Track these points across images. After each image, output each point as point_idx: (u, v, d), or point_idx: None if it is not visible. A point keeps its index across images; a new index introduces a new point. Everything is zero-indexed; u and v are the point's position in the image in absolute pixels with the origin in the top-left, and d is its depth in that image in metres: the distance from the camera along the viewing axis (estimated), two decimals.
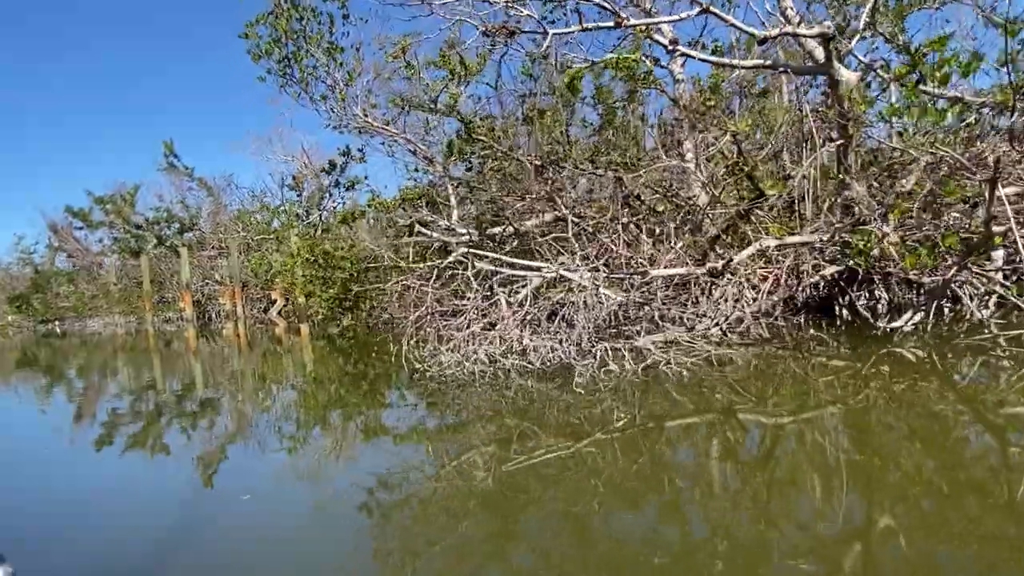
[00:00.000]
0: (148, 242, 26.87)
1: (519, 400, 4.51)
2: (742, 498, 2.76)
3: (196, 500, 3.35)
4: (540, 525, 2.67)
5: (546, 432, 3.71)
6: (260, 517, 2.99)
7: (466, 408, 4.49)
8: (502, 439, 3.66)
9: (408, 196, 10.40)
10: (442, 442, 3.85)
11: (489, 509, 2.85)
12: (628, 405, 4.19)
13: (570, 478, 3.13)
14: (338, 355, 8.84)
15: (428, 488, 3.13)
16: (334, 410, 5.10)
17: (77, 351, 16.11)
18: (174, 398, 6.73)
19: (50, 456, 4.68)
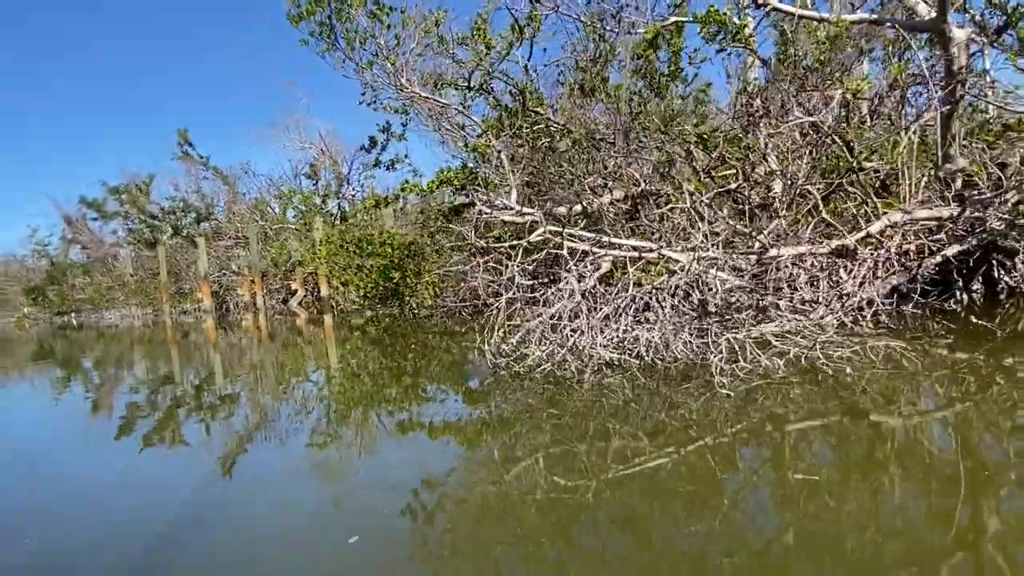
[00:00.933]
0: (164, 232, 26.37)
1: (666, 411, 3.69)
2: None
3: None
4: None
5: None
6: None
7: (602, 417, 3.66)
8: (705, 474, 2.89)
9: (447, 178, 9.70)
10: (611, 488, 2.93)
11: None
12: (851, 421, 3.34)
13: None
14: (383, 348, 8.21)
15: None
16: (412, 415, 4.41)
17: (95, 343, 15.60)
18: (210, 400, 6.10)
19: (81, 461, 4.07)
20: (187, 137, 27.43)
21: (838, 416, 3.39)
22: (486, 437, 3.60)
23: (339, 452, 3.71)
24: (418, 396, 4.87)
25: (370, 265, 9.08)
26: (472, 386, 4.89)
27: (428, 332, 9.16)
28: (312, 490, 3.21)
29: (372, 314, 14.95)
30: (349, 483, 3.22)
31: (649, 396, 3.89)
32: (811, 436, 3.21)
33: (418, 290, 8.79)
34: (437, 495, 2.84)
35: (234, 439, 4.31)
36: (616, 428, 3.39)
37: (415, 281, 8.68)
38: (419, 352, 7.05)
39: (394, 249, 8.76)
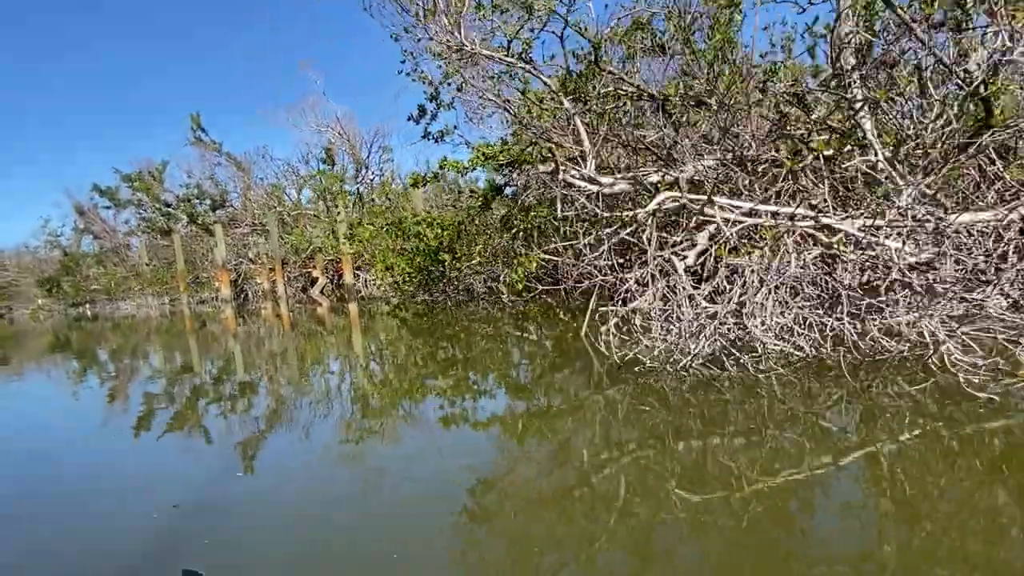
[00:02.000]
0: (179, 220, 25.71)
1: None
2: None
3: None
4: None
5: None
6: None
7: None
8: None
9: (491, 153, 8.87)
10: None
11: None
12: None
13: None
14: (450, 340, 7.49)
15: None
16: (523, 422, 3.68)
17: (114, 335, 14.99)
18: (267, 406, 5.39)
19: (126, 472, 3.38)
20: (200, 122, 26.70)
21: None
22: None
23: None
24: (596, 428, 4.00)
25: (415, 248, 8.30)
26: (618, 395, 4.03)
27: (482, 321, 8.43)
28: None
29: (400, 301, 14.24)
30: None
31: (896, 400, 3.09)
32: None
33: (461, 271, 8.07)
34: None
35: (319, 465, 3.60)
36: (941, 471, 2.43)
37: (465, 264, 7.92)
38: (500, 346, 6.28)
39: (444, 229, 7.98)
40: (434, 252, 8.14)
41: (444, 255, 7.90)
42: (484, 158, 8.92)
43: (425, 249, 8.19)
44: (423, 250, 8.19)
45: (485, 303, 10.00)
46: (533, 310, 8.83)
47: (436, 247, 8.02)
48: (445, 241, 7.91)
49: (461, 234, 7.91)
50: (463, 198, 10.67)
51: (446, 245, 7.95)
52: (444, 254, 7.90)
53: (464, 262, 7.76)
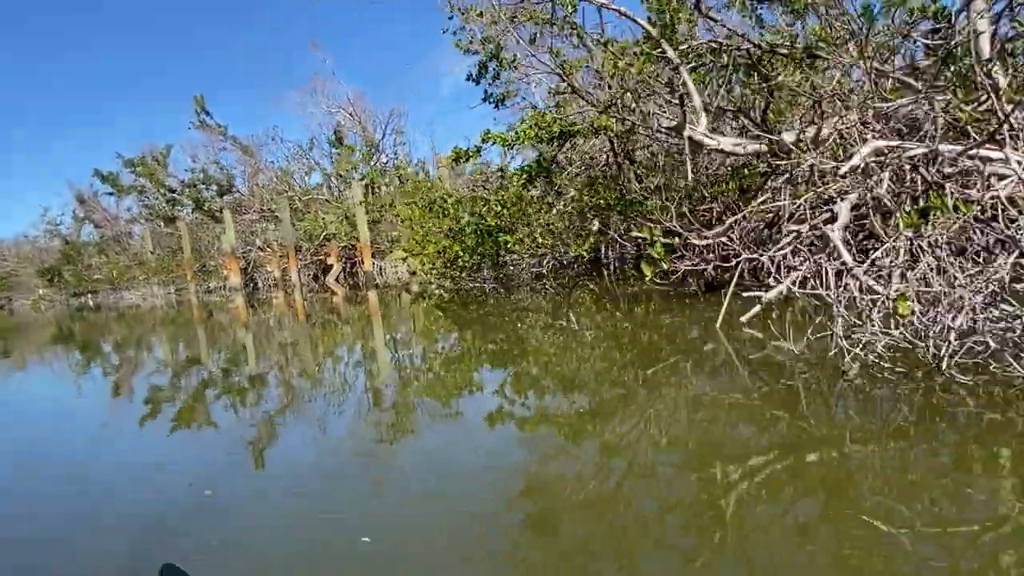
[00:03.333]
0: (185, 206, 24.75)
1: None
2: None
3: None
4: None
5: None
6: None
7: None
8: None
9: (543, 122, 7.94)
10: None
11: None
12: None
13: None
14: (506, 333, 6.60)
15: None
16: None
17: (119, 326, 14.11)
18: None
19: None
20: (204, 104, 25.68)
21: None
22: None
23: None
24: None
25: (472, 228, 7.36)
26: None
27: (539, 311, 7.51)
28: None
29: (438, 288, 13.32)
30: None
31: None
32: None
33: (520, 254, 7.09)
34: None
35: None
36: None
37: (523, 246, 7.00)
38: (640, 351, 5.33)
39: (505, 207, 7.03)
40: (490, 233, 7.20)
41: (504, 236, 6.95)
42: (537, 128, 7.98)
43: (481, 230, 7.25)
44: (479, 231, 7.24)
45: (527, 290, 9.09)
46: (584, 298, 7.94)
47: (494, 227, 7.07)
48: (505, 220, 6.97)
49: (518, 215, 6.99)
50: (496, 177, 9.73)
51: (507, 225, 7.01)
52: (504, 235, 6.95)
53: (528, 243, 6.83)
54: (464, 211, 7.38)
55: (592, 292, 8.10)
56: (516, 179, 8.85)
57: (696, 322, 5.07)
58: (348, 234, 18.87)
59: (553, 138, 8.36)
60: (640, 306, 6.32)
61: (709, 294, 6.29)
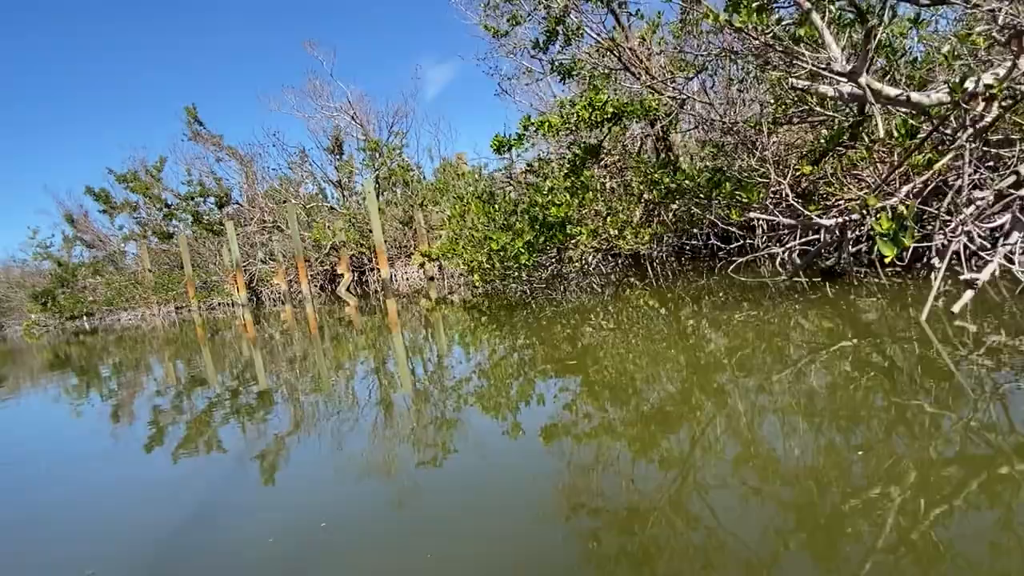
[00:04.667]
0: (183, 220, 23.73)
1: None
2: None
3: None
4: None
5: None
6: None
7: None
8: None
9: (599, 102, 7.06)
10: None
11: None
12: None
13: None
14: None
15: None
16: None
17: (121, 349, 13.12)
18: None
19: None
20: (196, 114, 24.74)
21: None
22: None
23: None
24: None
25: (533, 222, 6.43)
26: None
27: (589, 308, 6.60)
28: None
29: (441, 296, 12.40)
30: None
31: None
32: None
33: (584, 248, 6.16)
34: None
35: None
36: None
37: (591, 240, 6.09)
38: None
39: (575, 196, 6.08)
40: (552, 226, 6.26)
41: (575, 228, 6.00)
42: (591, 109, 7.10)
43: (547, 223, 6.31)
44: (544, 225, 6.29)
45: (574, 290, 8.17)
46: (648, 296, 7.03)
47: (560, 219, 6.12)
48: (574, 211, 6.02)
49: (590, 203, 6.06)
50: (533, 167, 8.82)
51: (574, 216, 6.07)
52: (573, 227, 5.99)
53: (601, 235, 5.90)
54: (536, 201, 6.43)
55: (653, 290, 7.20)
56: (561, 169, 7.97)
57: (861, 319, 4.17)
58: (357, 241, 17.97)
59: (604, 121, 7.49)
60: (749, 304, 5.41)
61: (827, 282, 5.41)
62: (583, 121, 7.06)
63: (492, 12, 8.24)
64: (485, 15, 9.00)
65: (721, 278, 6.98)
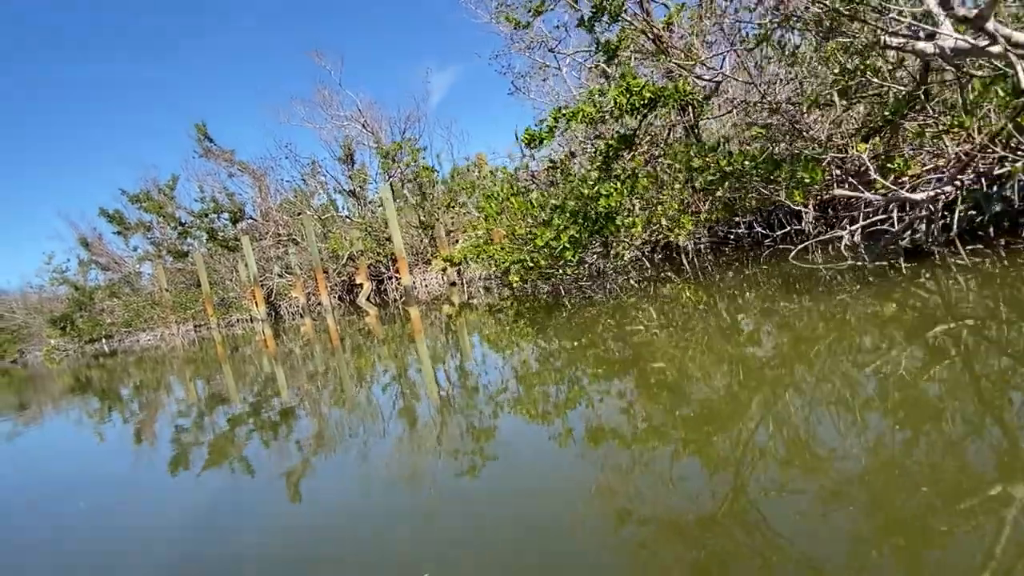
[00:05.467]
0: (198, 237, 23.57)
1: None
2: None
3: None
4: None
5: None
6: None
7: None
8: None
9: (637, 86, 6.68)
10: None
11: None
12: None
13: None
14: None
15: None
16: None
17: (142, 371, 12.88)
18: None
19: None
20: (206, 131, 24.63)
21: None
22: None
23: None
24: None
25: (578, 214, 6.02)
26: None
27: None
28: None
29: (463, 301, 12.03)
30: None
31: None
32: None
33: (632, 241, 5.71)
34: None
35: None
36: None
37: (640, 232, 5.67)
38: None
39: (625, 183, 5.65)
40: (596, 219, 5.83)
41: (627, 219, 5.56)
42: (628, 94, 6.71)
43: (586, 217, 5.89)
44: (588, 217, 5.86)
45: (606, 288, 7.75)
46: (687, 291, 6.61)
47: (609, 211, 5.69)
48: (625, 201, 5.58)
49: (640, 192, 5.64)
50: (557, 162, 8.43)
51: (623, 207, 5.64)
52: (625, 217, 5.56)
53: (653, 226, 5.49)
54: (581, 191, 6.01)
55: (696, 284, 6.77)
56: (593, 162, 7.59)
57: (971, 302, 3.74)
58: (374, 250, 17.68)
59: (640, 107, 7.11)
60: (816, 294, 4.99)
61: (909, 264, 4.98)
62: (620, 108, 6.68)
63: (508, 7, 7.96)
64: (505, 8, 8.69)
65: (769, 268, 6.54)
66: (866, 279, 4.79)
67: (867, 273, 5.00)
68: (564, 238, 5.85)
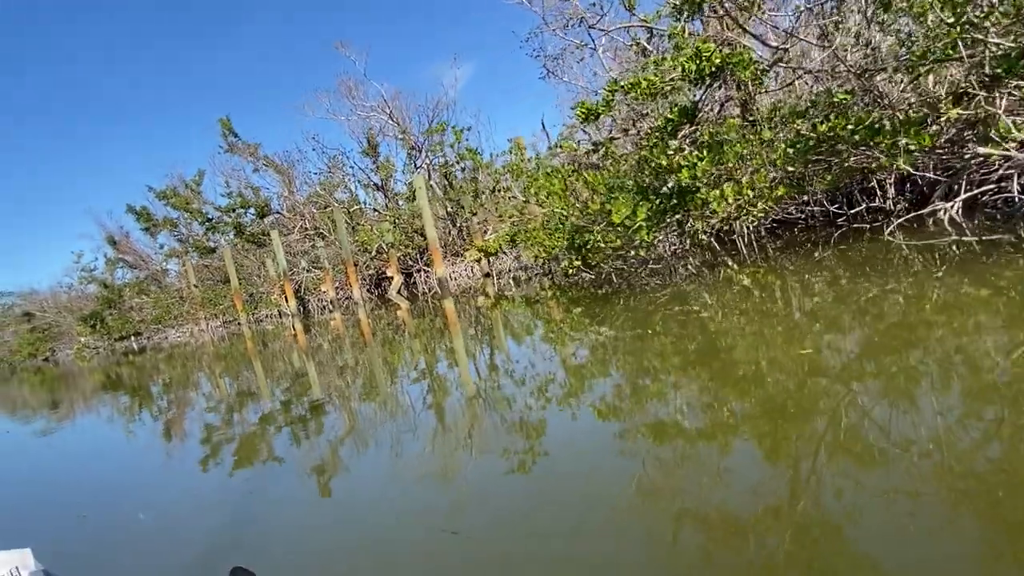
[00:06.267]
0: (225, 233, 23.41)
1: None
2: None
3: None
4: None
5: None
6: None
7: None
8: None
9: (707, 50, 6.15)
10: None
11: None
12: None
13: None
14: None
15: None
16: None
17: (174, 367, 12.65)
18: None
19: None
20: (231, 126, 24.44)
21: None
22: None
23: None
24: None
25: (660, 186, 5.51)
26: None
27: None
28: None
29: (499, 293, 11.56)
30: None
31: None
32: None
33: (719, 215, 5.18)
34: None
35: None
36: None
37: (724, 205, 5.10)
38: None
39: (714, 149, 5.09)
40: (674, 195, 5.31)
41: (712, 191, 5.00)
42: (697, 60, 6.18)
43: (657, 193, 5.37)
44: (658, 195, 5.34)
45: (656, 274, 7.21)
46: (759, 276, 6.05)
47: (691, 184, 5.14)
48: (712, 170, 5.02)
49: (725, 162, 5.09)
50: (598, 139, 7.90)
51: (706, 179, 5.09)
52: (710, 190, 5.00)
53: (743, 197, 4.95)
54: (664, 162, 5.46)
55: (765, 268, 6.19)
56: (650, 138, 7.06)
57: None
58: (402, 242, 17.28)
59: (707, 76, 6.56)
60: (916, 277, 4.43)
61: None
62: (687, 75, 6.14)
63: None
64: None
65: (846, 248, 5.92)
66: (999, 255, 4.22)
67: (990, 249, 4.43)
68: (641, 214, 5.34)
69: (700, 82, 6.79)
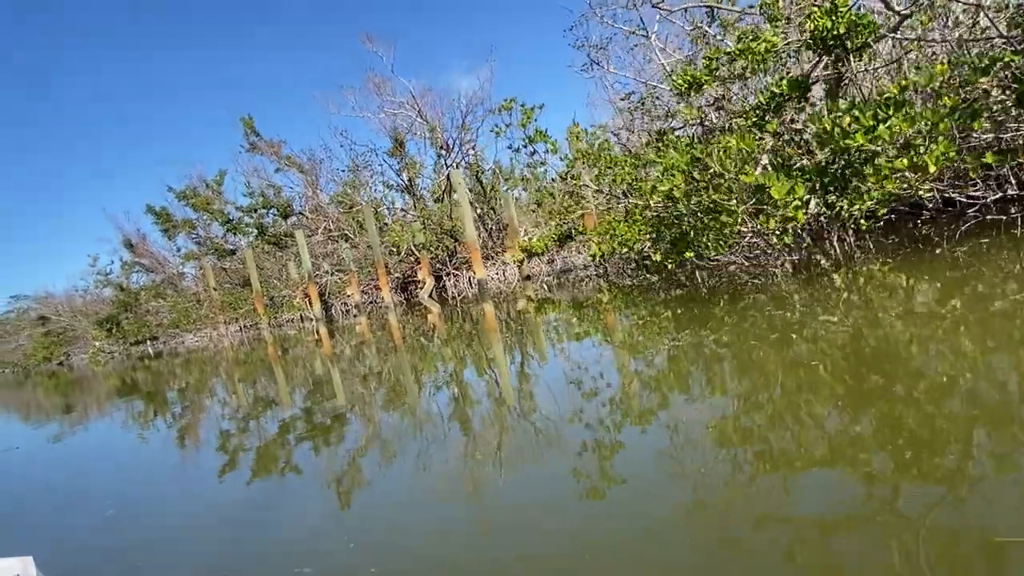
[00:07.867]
0: (247, 234, 22.59)
1: None
2: None
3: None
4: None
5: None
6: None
7: None
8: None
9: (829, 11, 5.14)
10: None
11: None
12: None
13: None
14: None
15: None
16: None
17: (192, 374, 11.74)
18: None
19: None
20: (253, 125, 23.72)
21: None
22: None
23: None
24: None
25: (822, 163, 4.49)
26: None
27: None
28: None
29: (540, 296, 10.56)
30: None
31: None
32: None
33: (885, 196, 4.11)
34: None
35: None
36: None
37: (893, 184, 4.04)
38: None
39: (882, 119, 4.03)
40: (849, 166, 4.27)
41: (892, 162, 3.95)
42: (833, 14, 5.15)
43: (825, 164, 4.33)
44: (826, 165, 4.30)
45: (721, 275, 6.16)
46: (886, 276, 4.98)
47: (868, 152, 4.07)
48: (889, 137, 3.98)
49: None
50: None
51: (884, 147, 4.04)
52: (893, 159, 3.95)
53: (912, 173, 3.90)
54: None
55: (877, 268, 5.13)
56: (747, 119, 6.05)
57: None
58: (434, 243, 16.36)
59: (835, 40, 5.52)
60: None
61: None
62: (816, 37, 5.12)
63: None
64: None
65: (970, 249, 4.79)
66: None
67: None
68: (800, 191, 4.31)
69: (825, 49, 5.76)
